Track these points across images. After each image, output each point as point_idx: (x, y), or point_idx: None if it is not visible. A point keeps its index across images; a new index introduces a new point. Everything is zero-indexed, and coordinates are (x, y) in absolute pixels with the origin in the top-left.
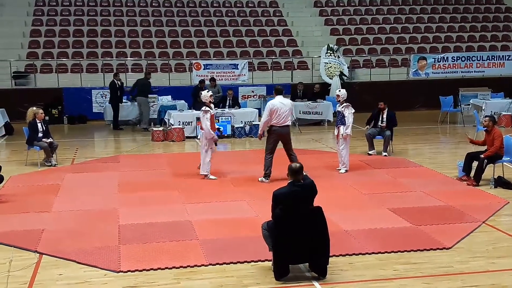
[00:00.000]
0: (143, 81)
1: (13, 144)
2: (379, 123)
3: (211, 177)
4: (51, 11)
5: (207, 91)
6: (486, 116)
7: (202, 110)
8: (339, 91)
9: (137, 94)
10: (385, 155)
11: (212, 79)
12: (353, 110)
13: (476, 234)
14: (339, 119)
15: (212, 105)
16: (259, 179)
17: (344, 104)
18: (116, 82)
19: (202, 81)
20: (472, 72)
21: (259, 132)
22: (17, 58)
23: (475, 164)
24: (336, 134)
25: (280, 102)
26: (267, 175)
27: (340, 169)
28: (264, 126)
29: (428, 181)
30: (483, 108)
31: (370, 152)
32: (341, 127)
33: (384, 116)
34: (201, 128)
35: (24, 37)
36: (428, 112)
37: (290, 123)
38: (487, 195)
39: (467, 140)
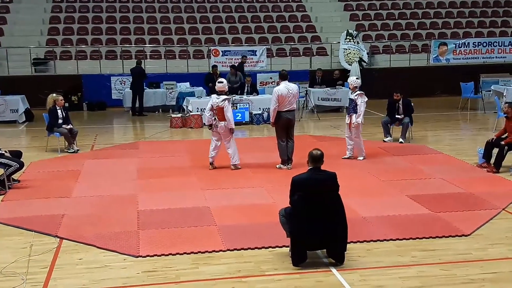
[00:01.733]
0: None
1: (34, 130)
2: (396, 115)
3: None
4: None
5: (228, 79)
6: (506, 103)
7: (225, 98)
8: (350, 78)
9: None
10: (401, 142)
11: (233, 67)
12: (366, 99)
13: (496, 221)
14: (352, 107)
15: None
16: (277, 166)
17: (358, 92)
18: (138, 68)
19: (214, 66)
20: (493, 58)
21: (271, 120)
22: (37, 45)
23: (495, 151)
24: (348, 122)
25: (285, 88)
26: (284, 161)
27: (345, 156)
28: (274, 113)
29: (448, 168)
30: (504, 94)
31: (385, 140)
32: (353, 116)
33: (400, 105)
34: (222, 119)
35: (44, 24)
36: (448, 98)
37: (295, 107)
38: (507, 182)
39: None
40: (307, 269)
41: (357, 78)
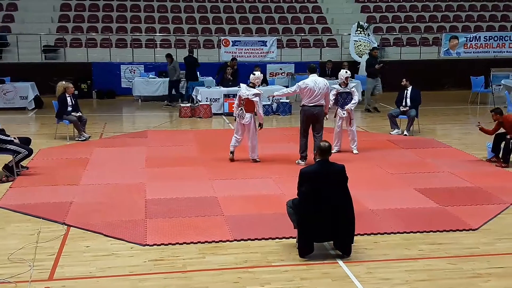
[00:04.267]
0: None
1: (43, 117)
2: (402, 106)
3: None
4: None
5: (260, 73)
6: (492, 111)
7: (256, 94)
8: (341, 72)
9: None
10: (406, 135)
11: (168, 55)
12: (357, 95)
13: (504, 216)
14: (342, 99)
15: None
16: (296, 161)
17: (352, 89)
18: (192, 57)
19: (234, 59)
20: (504, 52)
21: (275, 94)
22: (47, 32)
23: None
24: (342, 116)
25: (313, 81)
26: (303, 157)
27: (353, 150)
28: (283, 96)
29: (456, 162)
30: None
31: (392, 132)
32: (339, 109)
33: (408, 94)
34: (249, 110)
35: (55, 11)
36: (458, 92)
37: (323, 103)
38: None
39: (478, 127)
40: (314, 260)
41: (346, 72)
